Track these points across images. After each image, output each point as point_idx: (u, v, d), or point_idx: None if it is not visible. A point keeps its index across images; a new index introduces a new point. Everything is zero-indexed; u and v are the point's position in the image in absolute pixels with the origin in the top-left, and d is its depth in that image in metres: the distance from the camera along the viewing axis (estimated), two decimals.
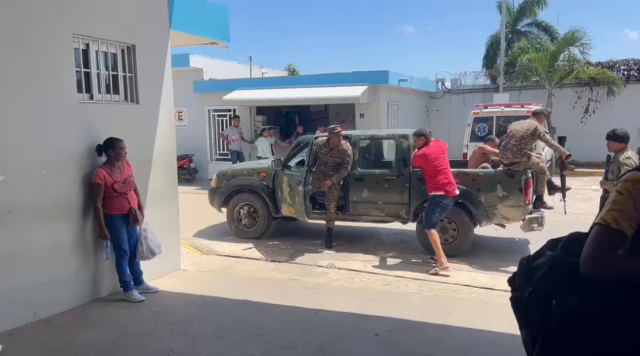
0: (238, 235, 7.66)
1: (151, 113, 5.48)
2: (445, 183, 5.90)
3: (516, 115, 11.64)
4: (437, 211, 5.90)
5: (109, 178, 4.70)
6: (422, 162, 6.01)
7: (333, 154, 6.91)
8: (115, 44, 5.11)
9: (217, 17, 6.63)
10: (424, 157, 5.97)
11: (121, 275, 4.89)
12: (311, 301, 4.89)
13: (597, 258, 1.45)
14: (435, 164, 5.93)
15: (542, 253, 1.68)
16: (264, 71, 18.61)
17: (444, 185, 5.89)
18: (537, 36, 20.05)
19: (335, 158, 6.91)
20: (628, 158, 5.11)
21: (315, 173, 6.95)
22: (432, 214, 5.91)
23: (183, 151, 13.44)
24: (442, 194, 5.87)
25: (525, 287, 1.63)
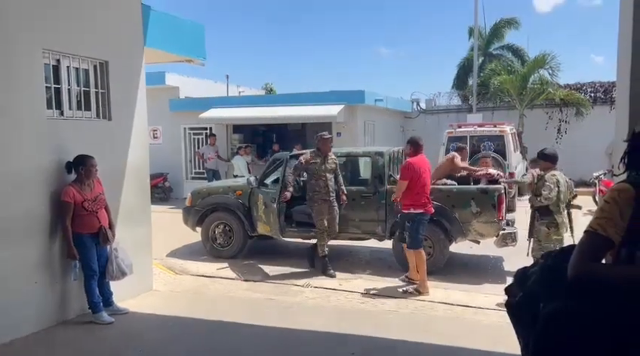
0: (212, 255, 7.53)
1: (123, 130, 5.39)
2: (424, 201, 5.76)
3: (489, 135, 11.93)
4: (421, 229, 5.75)
5: (79, 196, 4.58)
6: (408, 174, 5.66)
7: (328, 163, 6.52)
8: (88, 59, 5.04)
9: (193, 35, 6.64)
10: (411, 168, 5.67)
11: (89, 296, 4.73)
12: (287, 320, 4.81)
13: (583, 262, 1.55)
14: (417, 178, 5.68)
15: (537, 262, 1.79)
16: (241, 89, 18.62)
17: (424, 202, 5.74)
18: (508, 59, 20.63)
19: (331, 166, 6.55)
20: (553, 176, 5.32)
21: (318, 193, 6.42)
22: (417, 233, 5.71)
23: (158, 170, 13.24)
24: (422, 212, 5.73)
25: (518, 293, 1.73)
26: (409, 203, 5.72)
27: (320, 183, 6.43)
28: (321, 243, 6.53)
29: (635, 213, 1.54)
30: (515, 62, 19.92)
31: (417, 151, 5.88)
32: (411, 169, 5.69)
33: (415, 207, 5.71)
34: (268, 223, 6.93)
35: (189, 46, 6.55)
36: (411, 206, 5.71)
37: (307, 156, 6.62)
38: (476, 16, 17.77)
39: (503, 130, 11.80)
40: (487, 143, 11.83)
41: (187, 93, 15.05)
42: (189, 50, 6.56)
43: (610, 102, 15.80)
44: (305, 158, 6.57)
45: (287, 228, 7.00)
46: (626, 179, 1.66)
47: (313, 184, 6.47)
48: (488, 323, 4.71)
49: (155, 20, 5.70)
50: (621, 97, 4.05)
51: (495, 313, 4.95)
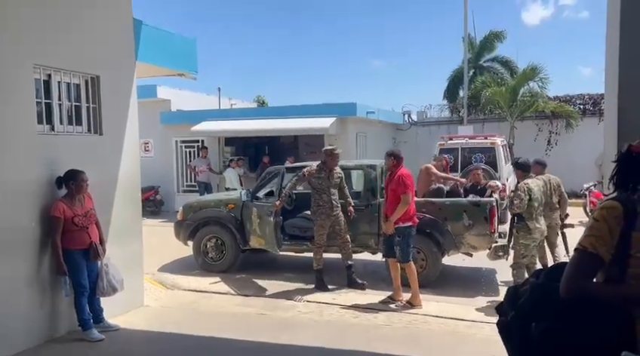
0: (204, 269, 7.47)
1: (115, 144, 5.37)
2: (413, 213, 5.76)
3: (480, 147, 12.00)
4: (411, 243, 5.73)
5: (69, 211, 4.54)
6: (412, 185, 5.65)
7: (333, 177, 6.40)
8: (79, 74, 5.03)
9: (185, 49, 6.65)
10: (407, 181, 5.60)
11: (79, 313, 4.66)
12: (279, 336, 4.77)
13: (574, 281, 1.56)
14: (413, 190, 5.71)
15: (528, 281, 1.79)
16: (233, 102, 18.64)
17: (412, 215, 5.73)
18: (498, 71, 20.86)
19: (336, 181, 6.44)
20: (525, 185, 5.70)
21: (322, 208, 6.30)
22: (407, 247, 5.66)
23: (150, 183, 13.18)
24: (411, 225, 5.71)
25: (510, 312, 1.73)
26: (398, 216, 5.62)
27: (324, 198, 6.31)
28: (316, 257, 6.45)
29: (624, 231, 1.55)
30: (505, 74, 20.16)
31: (401, 162, 5.86)
32: (411, 181, 5.72)
33: (404, 220, 5.64)
34: (263, 236, 6.89)
35: (181, 60, 6.57)
36: (400, 220, 5.62)
37: (312, 168, 6.41)
38: (466, 29, 17.98)
39: (494, 142, 11.88)
40: (478, 155, 11.88)
41: (179, 105, 15.05)
42: (181, 64, 6.57)
43: (599, 113, 16.00)
44: (308, 170, 6.38)
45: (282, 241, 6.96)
46: (615, 196, 1.67)
47: (317, 198, 6.34)
48: (482, 337, 4.70)
49: (146, 35, 5.72)
50: (609, 110, 4.11)
51: (489, 326, 4.93)
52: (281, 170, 7.27)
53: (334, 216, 6.36)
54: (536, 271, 1.83)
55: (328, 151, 6.47)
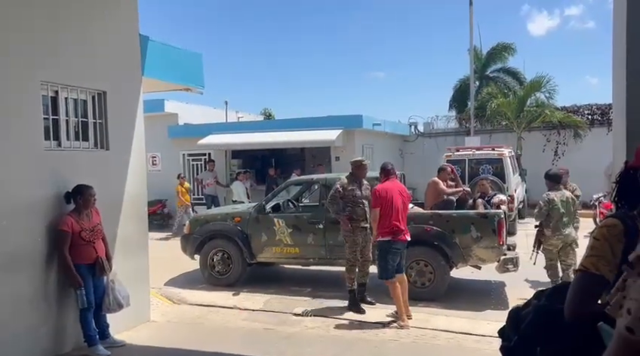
0: (211, 283, 7.45)
1: (121, 159, 5.39)
2: (393, 227, 5.44)
3: (487, 158, 11.95)
4: (389, 258, 5.45)
5: (77, 225, 4.55)
6: (378, 201, 5.50)
7: (362, 190, 6.15)
8: (86, 90, 5.07)
9: (191, 64, 6.70)
10: (379, 195, 5.51)
11: (85, 329, 4.65)
12: (285, 351, 4.72)
13: (578, 303, 1.49)
14: (385, 204, 5.45)
15: (529, 303, 1.72)
16: (240, 115, 18.74)
17: (391, 229, 5.44)
18: (505, 81, 20.83)
19: (365, 192, 6.15)
20: (547, 195, 6.31)
21: (355, 222, 6.00)
22: (385, 262, 5.44)
23: (157, 197, 13.22)
24: (390, 239, 5.44)
25: (513, 336, 1.67)
26: (377, 230, 5.53)
27: (357, 211, 6.01)
28: (350, 276, 6.06)
29: (626, 249, 1.47)
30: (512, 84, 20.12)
31: (387, 176, 5.74)
32: (379, 196, 5.52)
33: (382, 234, 5.46)
34: (299, 245, 7.09)
35: (187, 75, 6.61)
36: (379, 234, 5.50)
37: (343, 181, 6.15)
38: (471, 40, 18.01)
39: (502, 153, 11.82)
40: (485, 166, 11.83)
41: (186, 119, 15.14)
42: (187, 79, 6.62)
43: (607, 123, 15.89)
44: (342, 184, 6.11)
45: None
46: (614, 213, 1.62)
47: (350, 211, 6.02)
48: (491, 352, 4.61)
49: (152, 50, 5.77)
50: (618, 120, 4.06)
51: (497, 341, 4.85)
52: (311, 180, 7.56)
53: (366, 228, 6.07)
54: (537, 291, 1.77)
55: (358, 163, 6.21)
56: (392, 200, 5.51)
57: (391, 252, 5.48)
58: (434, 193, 7.46)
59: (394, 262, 5.50)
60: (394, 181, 5.77)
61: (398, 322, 5.49)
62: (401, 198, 5.63)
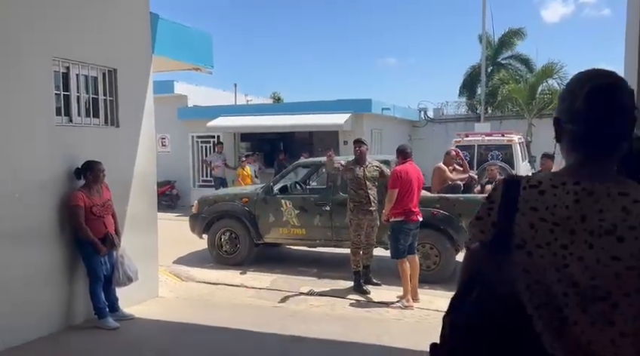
0: (218, 262, 7.54)
1: (131, 137, 5.44)
2: (406, 209, 5.53)
3: (497, 144, 11.89)
4: (401, 238, 5.54)
5: (88, 200, 4.63)
6: (397, 183, 5.53)
7: (367, 171, 6.06)
8: (97, 67, 5.11)
9: (201, 44, 6.70)
10: (399, 176, 5.55)
11: (95, 302, 4.75)
12: (291, 328, 4.79)
13: None
14: (404, 186, 5.53)
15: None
16: (249, 98, 18.75)
17: (404, 210, 5.52)
18: (517, 68, 20.60)
19: (372, 174, 6.07)
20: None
21: (359, 204, 5.95)
22: (396, 242, 5.54)
23: (166, 178, 13.33)
24: (402, 220, 5.54)
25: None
26: (391, 211, 5.59)
27: (360, 193, 5.98)
28: (355, 258, 6.11)
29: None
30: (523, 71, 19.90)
31: (405, 159, 5.76)
32: (400, 177, 5.56)
33: (395, 214, 5.54)
34: (307, 227, 7.14)
35: (197, 54, 6.62)
36: (392, 214, 5.57)
37: (348, 164, 6.18)
38: (484, 26, 17.80)
39: (511, 139, 11.75)
40: (494, 153, 11.78)
41: (195, 101, 15.17)
42: (197, 58, 6.63)
43: None
44: (346, 167, 6.13)
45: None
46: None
47: (352, 195, 6.04)
48: None
49: (163, 29, 5.78)
50: None
51: None
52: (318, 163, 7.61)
53: (371, 212, 6.02)
54: None
55: (354, 142, 6.27)
56: (410, 182, 5.57)
57: (403, 232, 5.55)
58: (439, 179, 7.47)
59: (405, 242, 5.57)
60: (412, 163, 5.80)
61: (402, 302, 5.54)
62: (417, 182, 5.68)
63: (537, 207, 1.11)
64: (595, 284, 1.03)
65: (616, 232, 1.02)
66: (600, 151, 1.13)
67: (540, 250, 1.08)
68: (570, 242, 1.06)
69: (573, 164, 1.16)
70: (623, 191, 1.06)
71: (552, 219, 1.08)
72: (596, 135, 1.12)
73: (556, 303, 1.06)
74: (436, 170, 7.63)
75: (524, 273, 1.09)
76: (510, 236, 1.12)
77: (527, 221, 1.11)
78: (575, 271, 1.04)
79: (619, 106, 1.11)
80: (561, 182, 1.12)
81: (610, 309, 1.01)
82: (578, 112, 1.12)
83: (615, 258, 1.01)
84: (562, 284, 1.05)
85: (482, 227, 1.20)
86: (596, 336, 1.03)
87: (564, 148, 1.20)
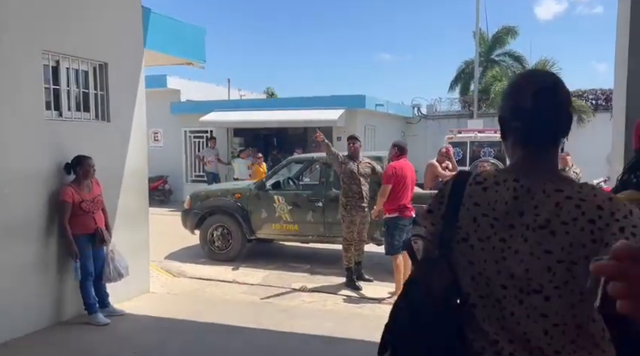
0: (210, 257, 7.53)
1: (122, 132, 5.40)
2: (402, 205, 5.58)
3: (489, 141, 11.92)
4: (396, 234, 5.56)
5: (77, 196, 4.59)
6: (392, 178, 5.54)
7: (362, 167, 6.11)
8: (87, 61, 5.06)
9: (193, 38, 6.66)
10: (394, 172, 5.56)
11: (85, 297, 4.72)
12: (282, 324, 4.79)
13: None
14: (398, 182, 5.55)
15: None
16: (242, 93, 18.68)
17: (399, 206, 5.56)
18: (510, 65, 20.65)
19: (364, 170, 6.11)
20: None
21: (352, 199, 5.97)
22: (392, 238, 5.56)
23: (159, 173, 13.27)
24: (397, 216, 5.58)
25: None
26: (384, 207, 5.62)
27: (353, 188, 5.98)
28: (347, 254, 6.14)
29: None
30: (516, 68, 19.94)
31: (402, 154, 5.78)
32: (394, 173, 5.57)
33: (389, 210, 5.58)
34: (300, 222, 7.11)
35: (189, 49, 6.57)
36: (385, 210, 5.61)
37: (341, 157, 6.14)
38: (477, 22, 17.80)
39: None
40: (487, 149, 11.82)
41: (188, 96, 15.10)
42: (189, 53, 6.58)
43: (611, 109, 15.80)
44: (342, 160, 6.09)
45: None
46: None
47: (346, 189, 6.02)
48: None
49: (155, 23, 5.73)
50: (618, 105, 4.05)
51: None
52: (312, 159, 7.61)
53: (363, 207, 6.05)
54: None
55: (348, 138, 6.27)
56: (404, 178, 5.59)
57: (398, 228, 5.57)
58: (431, 176, 7.50)
59: (400, 238, 5.58)
60: (406, 160, 5.81)
61: (394, 297, 5.54)
62: (411, 178, 5.70)
63: (480, 203, 1.16)
64: (529, 277, 1.07)
65: (549, 227, 1.06)
66: (542, 148, 1.18)
67: (481, 243, 1.13)
68: (509, 236, 1.10)
69: (516, 162, 1.21)
70: (558, 188, 1.10)
71: (493, 214, 1.13)
72: (541, 131, 1.17)
73: (496, 294, 1.10)
74: (429, 167, 7.66)
75: (470, 265, 1.14)
76: (456, 229, 1.17)
77: (471, 215, 1.16)
78: (512, 264, 1.09)
79: (560, 104, 1.17)
80: (503, 178, 1.17)
81: (542, 302, 1.06)
82: (525, 109, 1.16)
83: (547, 251, 1.05)
84: (501, 276, 1.10)
85: (433, 219, 1.24)
86: (531, 327, 1.07)
87: (508, 146, 1.24)
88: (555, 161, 1.20)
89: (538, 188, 1.12)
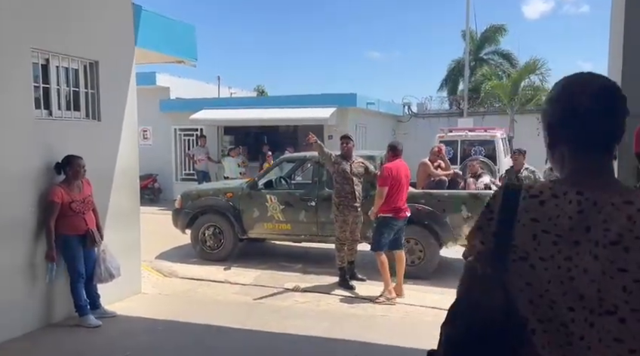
0: (202, 257, 7.47)
1: (113, 131, 5.34)
2: (397, 206, 5.56)
3: (480, 139, 11.99)
4: (385, 232, 5.55)
5: (67, 196, 4.52)
6: (387, 180, 5.51)
7: (355, 167, 6.08)
8: (78, 59, 4.98)
9: (184, 36, 6.59)
10: (389, 173, 5.53)
11: (76, 299, 4.66)
12: (275, 324, 4.77)
13: None
14: (394, 183, 5.54)
15: None
16: (233, 91, 18.59)
17: (394, 207, 5.54)
18: (499, 63, 20.79)
19: (357, 170, 6.09)
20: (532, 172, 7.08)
21: (344, 199, 5.94)
22: (380, 235, 5.56)
23: (148, 171, 13.14)
24: (391, 216, 5.56)
25: None
26: (380, 207, 5.59)
27: (346, 188, 5.95)
28: (340, 254, 6.11)
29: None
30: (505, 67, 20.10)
31: (396, 155, 5.76)
32: (390, 175, 5.55)
33: (383, 210, 5.55)
34: (293, 222, 7.07)
35: (180, 47, 6.50)
36: (380, 210, 5.58)
37: (337, 154, 6.14)
38: (467, 21, 17.90)
39: (494, 134, 11.86)
40: (477, 148, 11.88)
41: (178, 93, 14.97)
42: (180, 50, 6.51)
43: None
44: (334, 160, 6.07)
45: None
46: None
47: (339, 189, 6.00)
48: None
49: (146, 20, 5.66)
50: None
51: None
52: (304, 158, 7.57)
53: (355, 207, 6.03)
54: None
55: (341, 138, 6.21)
56: (399, 180, 5.58)
57: (388, 226, 5.57)
58: (424, 175, 7.50)
59: (388, 236, 5.58)
60: (401, 160, 5.80)
61: (384, 295, 5.55)
62: (406, 179, 5.70)
63: (538, 218, 1.05)
64: (601, 297, 0.97)
65: (622, 242, 0.97)
66: (602, 156, 1.09)
67: (544, 262, 1.02)
68: (575, 254, 1.00)
69: (572, 172, 1.11)
70: (627, 200, 1.01)
71: (555, 231, 1.03)
72: (601, 136, 1.08)
73: (562, 318, 1.00)
74: (421, 166, 7.66)
75: (527, 286, 1.04)
76: (511, 247, 1.05)
77: (529, 232, 1.05)
78: (581, 285, 0.99)
79: (619, 108, 1.08)
80: (562, 191, 1.06)
81: (617, 324, 0.97)
82: (583, 112, 1.06)
83: (622, 269, 0.96)
84: (567, 298, 1.00)
85: (483, 237, 1.12)
86: (603, 352, 0.98)
87: (557, 156, 1.15)
88: (613, 169, 1.10)
89: (605, 200, 1.01)
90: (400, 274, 5.75)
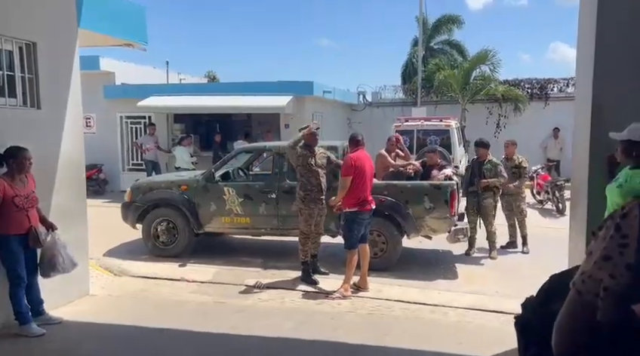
0: (155, 254, 7.06)
1: (55, 119, 4.86)
2: (361, 198, 5.42)
3: (435, 129, 12.06)
4: (355, 229, 5.43)
5: (10, 190, 4.08)
6: (350, 170, 5.36)
7: (318, 158, 5.89)
8: (11, 40, 4.46)
9: (133, 17, 6.11)
10: (352, 163, 5.38)
11: (15, 306, 4.22)
12: (238, 326, 4.52)
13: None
14: (358, 174, 5.38)
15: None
16: (182, 77, 17.86)
17: (359, 200, 5.41)
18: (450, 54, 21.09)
19: (321, 160, 5.91)
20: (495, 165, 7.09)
21: (310, 193, 5.72)
22: (351, 233, 5.43)
23: (92, 161, 12.35)
24: (357, 210, 5.42)
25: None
26: (344, 201, 5.46)
27: (312, 180, 5.74)
28: (304, 248, 5.90)
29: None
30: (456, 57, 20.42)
31: (357, 147, 5.64)
32: (354, 165, 5.40)
33: (348, 204, 5.42)
34: (252, 215, 6.79)
35: (129, 29, 6.01)
36: (344, 204, 5.45)
37: (299, 151, 5.84)
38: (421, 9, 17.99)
39: (449, 124, 11.96)
40: (433, 137, 11.95)
41: (123, 79, 14.18)
42: (129, 33, 6.02)
43: (545, 98, 16.56)
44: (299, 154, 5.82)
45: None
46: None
47: (304, 182, 5.77)
48: (448, 323, 4.66)
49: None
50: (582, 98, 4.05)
51: (453, 311, 4.92)
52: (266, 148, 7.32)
53: (321, 201, 5.81)
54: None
55: (308, 129, 5.87)
56: (363, 170, 5.43)
57: (357, 222, 5.44)
58: (382, 166, 7.40)
59: (359, 232, 5.47)
60: (363, 151, 5.65)
61: (340, 291, 5.39)
62: (370, 169, 5.56)
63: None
64: None
65: None
66: None
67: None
68: None
69: None
70: None
71: None
72: None
73: None
74: (378, 157, 7.55)
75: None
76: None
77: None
78: None
79: None
80: None
81: None
82: None
83: None
84: None
85: (612, 270, 0.88)
86: None
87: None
88: None
89: None
90: (365, 267, 5.63)
